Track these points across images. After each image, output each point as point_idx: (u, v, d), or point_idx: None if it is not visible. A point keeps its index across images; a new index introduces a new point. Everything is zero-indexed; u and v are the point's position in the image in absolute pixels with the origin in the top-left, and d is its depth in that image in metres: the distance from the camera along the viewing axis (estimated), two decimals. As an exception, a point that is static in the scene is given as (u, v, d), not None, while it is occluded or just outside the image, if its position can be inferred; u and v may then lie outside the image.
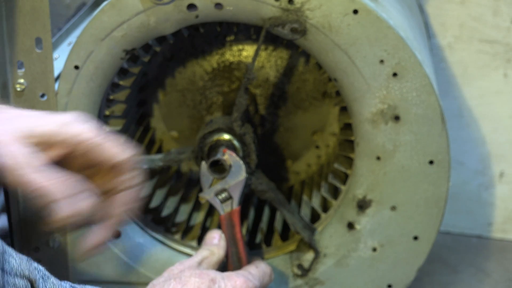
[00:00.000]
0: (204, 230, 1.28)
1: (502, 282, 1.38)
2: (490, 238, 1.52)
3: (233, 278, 1.03)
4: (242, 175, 1.12)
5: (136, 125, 1.31)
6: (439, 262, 1.42)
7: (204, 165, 1.13)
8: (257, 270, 1.09)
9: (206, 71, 1.29)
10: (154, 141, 1.35)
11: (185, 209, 1.31)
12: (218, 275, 1.03)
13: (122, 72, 1.19)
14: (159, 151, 1.34)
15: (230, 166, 1.12)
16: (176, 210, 1.29)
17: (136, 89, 1.28)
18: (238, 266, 1.13)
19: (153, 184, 1.29)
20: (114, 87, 1.19)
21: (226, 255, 1.13)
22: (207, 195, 1.14)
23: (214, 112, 1.31)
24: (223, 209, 1.14)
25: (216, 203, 1.14)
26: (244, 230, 1.27)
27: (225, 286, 1.01)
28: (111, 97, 1.19)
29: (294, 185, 1.35)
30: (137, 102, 1.31)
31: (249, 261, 1.14)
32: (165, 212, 1.28)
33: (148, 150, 1.31)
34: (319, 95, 1.29)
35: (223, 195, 1.13)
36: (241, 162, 1.12)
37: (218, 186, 1.13)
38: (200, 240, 1.26)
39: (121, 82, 1.20)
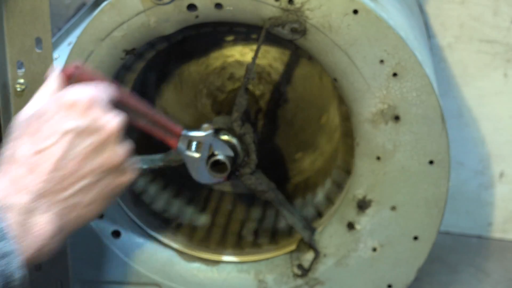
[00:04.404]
0: (204, 229, 1.29)
1: (502, 282, 1.38)
2: (490, 238, 1.52)
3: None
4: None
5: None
6: (439, 262, 1.42)
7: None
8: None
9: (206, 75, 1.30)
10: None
11: (185, 208, 1.31)
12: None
13: (122, 74, 1.19)
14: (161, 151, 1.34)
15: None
16: (176, 209, 1.29)
17: (136, 90, 1.28)
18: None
19: (157, 186, 1.29)
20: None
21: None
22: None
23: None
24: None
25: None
26: (248, 233, 1.27)
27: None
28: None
29: (296, 184, 1.35)
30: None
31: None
32: (167, 212, 1.28)
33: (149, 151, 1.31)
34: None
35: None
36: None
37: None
38: (199, 239, 1.26)
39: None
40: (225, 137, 1.16)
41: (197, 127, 1.08)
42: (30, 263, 0.83)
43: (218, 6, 1.07)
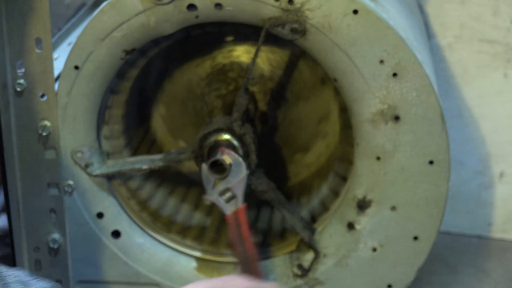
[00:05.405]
0: (204, 229, 1.29)
1: (502, 282, 1.38)
2: (490, 238, 1.52)
3: None
4: (243, 172, 1.12)
5: (136, 127, 1.31)
6: (439, 262, 1.42)
7: (204, 167, 1.13)
8: None
9: (201, 78, 1.30)
10: (155, 143, 1.35)
11: (185, 208, 1.31)
12: None
13: (119, 77, 1.19)
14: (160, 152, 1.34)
15: (230, 164, 1.12)
16: (176, 210, 1.29)
17: (135, 93, 1.28)
18: (247, 265, 1.13)
19: (154, 184, 1.29)
20: (113, 91, 1.19)
21: (235, 255, 1.14)
22: (211, 197, 1.14)
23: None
24: (228, 209, 1.14)
25: (221, 203, 1.14)
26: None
27: None
28: (110, 102, 1.20)
29: (296, 185, 1.35)
30: (137, 107, 1.31)
31: (257, 259, 1.13)
32: (166, 212, 1.28)
33: (148, 151, 1.31)
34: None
35: (227, 194, 1.13)
36: (240, 159, 1.12)
37: (221, 186, 1.13)
38: (198, 239, 1.26)
39: (119, 86, 1.20)
40: (225, 137, 1.16)
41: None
42: None
43: (218, 6, 1.07)
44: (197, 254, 1.24)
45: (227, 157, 1.12)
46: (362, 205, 1.14)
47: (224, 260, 1.23)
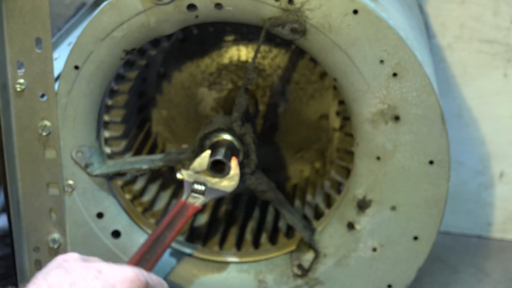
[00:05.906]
0: (206, 230, 1.29)
1: (502, 282, 1.38)
2: (490, 238, 1.52)
3: (124, 269, 0.94)
4: (229, 188, 1.13)
5: (137, 129, 1.31)
6: (439, 262, 1.42)
7: (207, 154, 1.13)
8: (156, 277, 1.00)
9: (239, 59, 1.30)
10: (156, 146, 1.35)
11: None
12: (105, 265, 0.95)
13: (120, 77, 1.19)
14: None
15: (227, 174, 1.13)
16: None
17: (135, 94, 1.28)
18: (153, 248, 1.13)
19: (157, 186, 1.29)
20: (113, 91, 1.19)
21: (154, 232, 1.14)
22: (188, 177, 1.14)
23: (213, 93, 1.31)
24: (188, 198, 1.14)
25: (188, 187, 1.14)
26: (248, 234, 1.27)
27: (113, 276, 0.93)
28: (110, 102, 1.20)
29: (297, 184, 1.35)
30: (138, 106, 1.31)
31: (162, 252, 1.13)
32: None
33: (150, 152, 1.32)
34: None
35: (200, 188, 1.13)
36: (238, 179, 1.12)
37: (202, 178, 1.13)
38: (199, 239, 1.26)
39: (119, 87, 1.20)
40: (225, 137, 1.16)
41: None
42: None
43: (218, 6, 1.07)
44: (198, 254, 1.24)
45: (231, 168, 1.12)
46: (362, 205, 1.14)
47: (226, 260, 1.23)
